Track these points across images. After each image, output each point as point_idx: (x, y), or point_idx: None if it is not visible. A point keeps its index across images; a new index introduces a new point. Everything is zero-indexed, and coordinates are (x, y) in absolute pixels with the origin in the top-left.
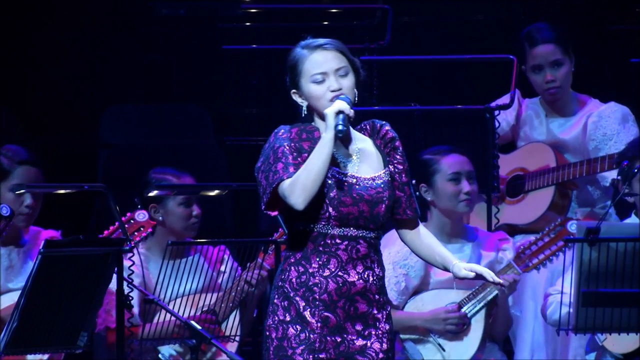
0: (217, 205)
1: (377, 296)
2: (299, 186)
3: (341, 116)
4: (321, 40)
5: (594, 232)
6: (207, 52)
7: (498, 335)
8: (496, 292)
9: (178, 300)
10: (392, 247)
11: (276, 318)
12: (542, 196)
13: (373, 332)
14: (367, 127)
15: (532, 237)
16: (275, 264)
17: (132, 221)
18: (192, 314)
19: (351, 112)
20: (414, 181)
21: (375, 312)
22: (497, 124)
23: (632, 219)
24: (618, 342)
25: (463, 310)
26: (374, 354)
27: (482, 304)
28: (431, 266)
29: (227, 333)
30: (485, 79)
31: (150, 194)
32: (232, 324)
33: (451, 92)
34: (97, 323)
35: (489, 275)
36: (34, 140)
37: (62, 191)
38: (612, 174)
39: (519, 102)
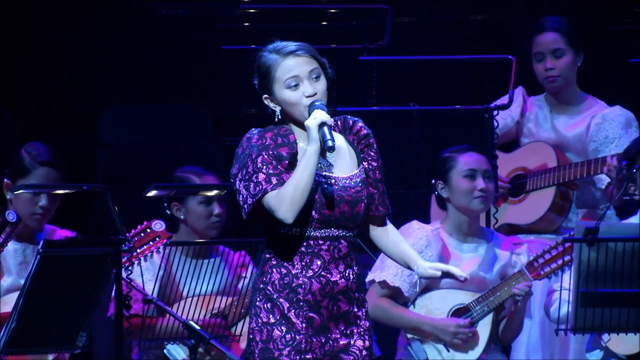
0: (226, 209)
1: (356, 294)
2: (287, 200)
3: (326, 129)
4: (292, 46)
5: (593, 232)
6: (206, 53)
7: (507, 340)
8: (506, 297)
9: (193, 300)
10: (407, 239)
11: (259, 320)
12: (543, 197)
13: (355, 330)
14: (339, 123)
15: (532, 237)
16: None
17: (148, 230)
18: (203, 314)
19: (332, 121)
20: (433, 180)
21: (356, 310)
22: (495, 124)
23: (637, 218)
24: (622, 343)
25: (472, 312)
26: (357, 352)
27: (490, 308)
28: (445, 264)
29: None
30: (484, 79)
31: (149, 194)
32: (238, 325)
33: (450, 92)
34: (109, 307)
35: (457, 271)
36: (33, 140)
37: (60, 191)
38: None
39: (524, 99)
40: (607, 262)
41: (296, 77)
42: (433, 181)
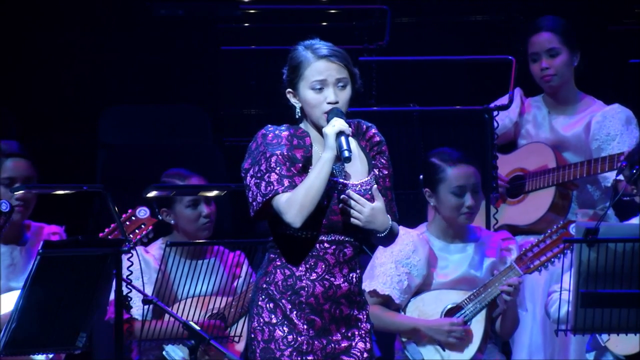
0: (216, 206)
1: (358, 297)
2: (296, 205)
3: (343, 139)
4: (327, 50)
5: (593, 232)
6: (205, 53)
7: (506, 336)
8: (497, 293)
9: (190, 301)
10: (394, 245)
11: (261, 320)
12: (542, 197)
13: (356, 333)
14: (352, 126)
15: (532, 238)
16: None
17: (133, 218)
18: (202, 315)
19: (350, 131)
20: (421, 176)
21: (356, 312)
22: (495, 125)
23: (638, 219)
24: (621, 344)
25: (464, 310)
26: (358, 354)
27: (482, 305)
28: (434, 267)
29: (231, 334)
30: (484, 79)
31: (149, 195)
32: (237, 325)
33: (450, 92)
34: (108, 311)
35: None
36: (33, 141)
37: (60, 192)
38: (614, 175)
39: (522, 100)
40: (607, 263)
41: (323, 81)
42: (421, 177)
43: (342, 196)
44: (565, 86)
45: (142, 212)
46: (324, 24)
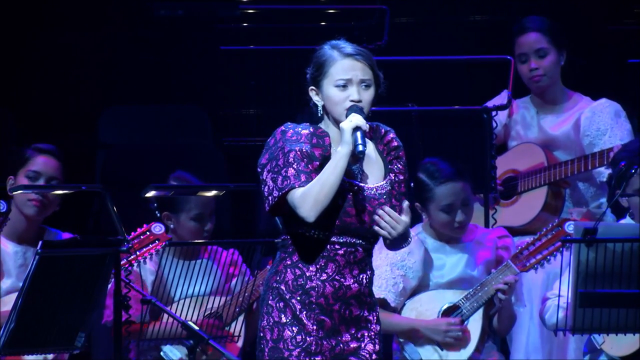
0: (215, 206)
1: (368, 298)
2: (311, 200)
3: (359, 134)
4: (353, 49)
5: (592, 232)
6: (205, 53)
7: (503, 333)
8: (494, 291)
9: (187, 301)
10: None
11: (271, 319)
12: (535, 197)
13: (366, 334)
14: (370, 130)
15: (527, 239)
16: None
17: (148, 233)
18: (199, 315)
19: (367, 127)
20: (412, 184)
21: (366, 314)
22: (494, 125)
23: (627, 220)
24: (616, 345)
25: (461, 309)
26: (367, 355)
27: (479, 303)
28: (430, 268)
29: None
30: (482, 79)
31: (148, 194)
32: (236, 324)
33: (449, 92)
34: (105, 315)
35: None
36: (33, 141)
37: (59, 192)
38: (608, 169)
39: (510, 102)
40: (605, 263)
41: (348, 80)
42: (412, 184)
43: (379, 211)
44: (553, 86)
45: (158, 228)
46: (323, 24)
